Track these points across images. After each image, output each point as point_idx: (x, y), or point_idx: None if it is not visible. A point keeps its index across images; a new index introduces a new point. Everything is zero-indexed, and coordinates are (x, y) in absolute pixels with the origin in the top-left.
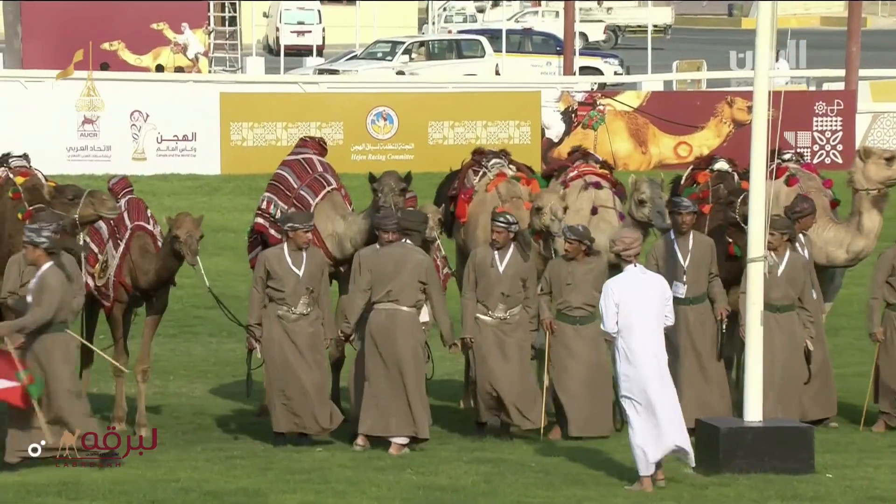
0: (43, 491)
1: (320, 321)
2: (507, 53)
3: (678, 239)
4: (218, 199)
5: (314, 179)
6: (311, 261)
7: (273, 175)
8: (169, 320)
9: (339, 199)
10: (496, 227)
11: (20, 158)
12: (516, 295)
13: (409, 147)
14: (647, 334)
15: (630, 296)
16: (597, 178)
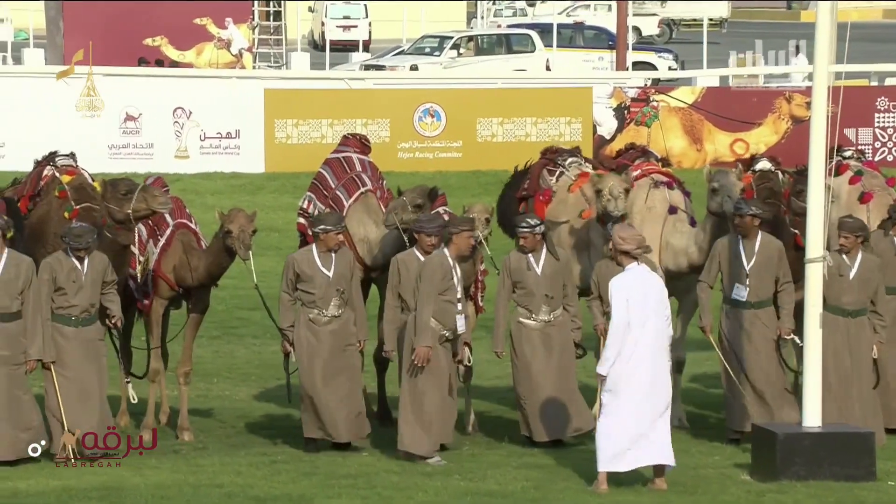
0: (85, 496)
1: (352, 323)
2: (557, 48)
3: (743, 240)
4: (261, 198)
5: (350, 180)
6: (340, 261)
7: (315, 174)
8: (212, 322)
9: (374, 203)
10: (521, 233)
11: (67, 157)
12: (558, 296)
13: (457, 144)
14: (644, 333)
15: (632, 293)
16: (665, 177)
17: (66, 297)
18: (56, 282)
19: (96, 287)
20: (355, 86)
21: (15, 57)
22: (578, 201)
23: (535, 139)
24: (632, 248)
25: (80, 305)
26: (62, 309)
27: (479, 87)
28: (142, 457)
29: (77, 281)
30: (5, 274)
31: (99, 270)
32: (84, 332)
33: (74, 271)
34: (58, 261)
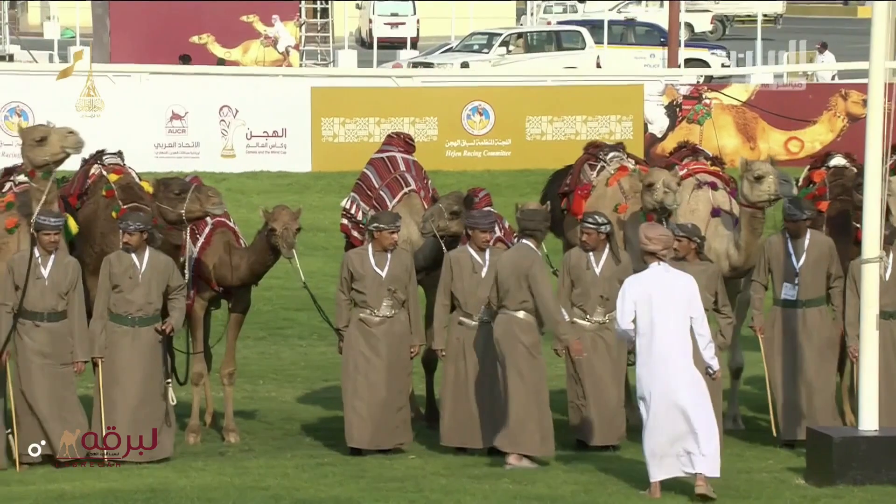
0: (130, 498)
1: (406, 325)
2: (608, 45)
3: (793, 239)
4: (308, 198)
5: (394, 180)
6: (396, 262)
7: (359, 174)
8: (258, 322)
9: (418, 203)
10: (586, 229)
11: (114, 156)
12: (614, 298)
13: (506, 143)
14: (668, 335)
15: (651, 294)
16: (711, 177)
17: (122, 294)
18: (112, 278)
19: (154, 286)
20: (403, 84)
21: (61, 55)
22: (616, 196)
23: (584, 137)
24: (658, 250)
25: (136, 303)
26: (118, 307)
27: (528, 84)
28: (187, 459)
29: (133, 278)
30: (53, 274)
31: (160, 270)
32: (140, 332)
33: (132, 268)
34: (116, 257)
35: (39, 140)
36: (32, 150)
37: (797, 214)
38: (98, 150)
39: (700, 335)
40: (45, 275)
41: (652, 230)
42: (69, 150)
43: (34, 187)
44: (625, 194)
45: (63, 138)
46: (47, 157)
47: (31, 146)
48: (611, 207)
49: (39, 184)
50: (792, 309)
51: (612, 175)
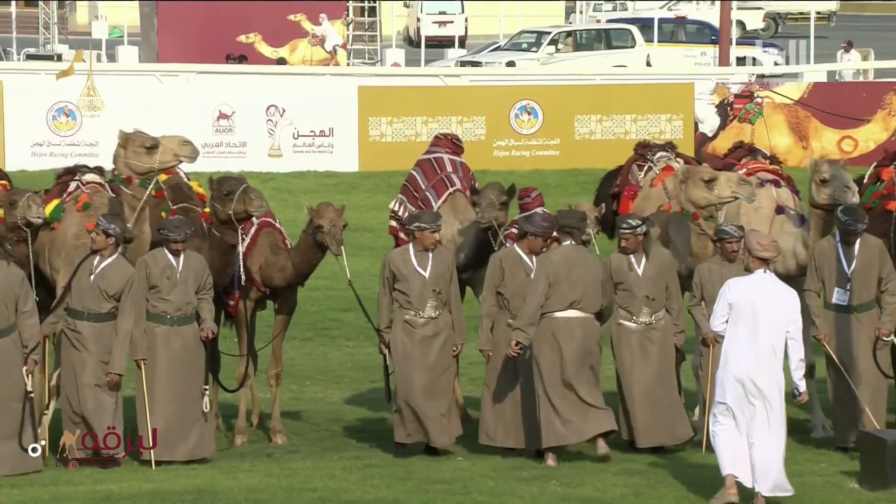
0: (178, 499)
1: (450, 326)
2: (658, 43)
3: (843, 244)
4: (355, 197)
5: (440, 181)
6: (438, 261)
7: (407, 175)
8: (305, 323)
9: (463, 203)
10: (622, 234)
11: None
12: (660, 298)
13: (555, 142)
14: (750, 343)
15: (752, 301)
16: (772, 175)
17: (160, 294)
18: (150, 279)
19: (191, 286)
20: (451, 83)
21: (109, 55)
22: (661, 196)
23: (634, 137)
24: (770, 256)
25: (174, 303)
26: (156, 307)
27: (577, 83)
28: (234, 460)
29: (172, 278)
30: (105, 275)
31: (196, 270)
32: (179, 331)
33: (169, 268)
34: (153, 257)
35: (150, 147)
36: (139, 156)
37: (854, 227)
38: None
39: (794, 352)
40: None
41: (763, 237)
42: (184, 158)
43: (129, 194)
44: (668, 195)
45: (179, 146)
46: (155, 165)
47: (138, 153)
48: (655, 208)
49: (136, 191)
50: (845, 314)
51: (657, 175)
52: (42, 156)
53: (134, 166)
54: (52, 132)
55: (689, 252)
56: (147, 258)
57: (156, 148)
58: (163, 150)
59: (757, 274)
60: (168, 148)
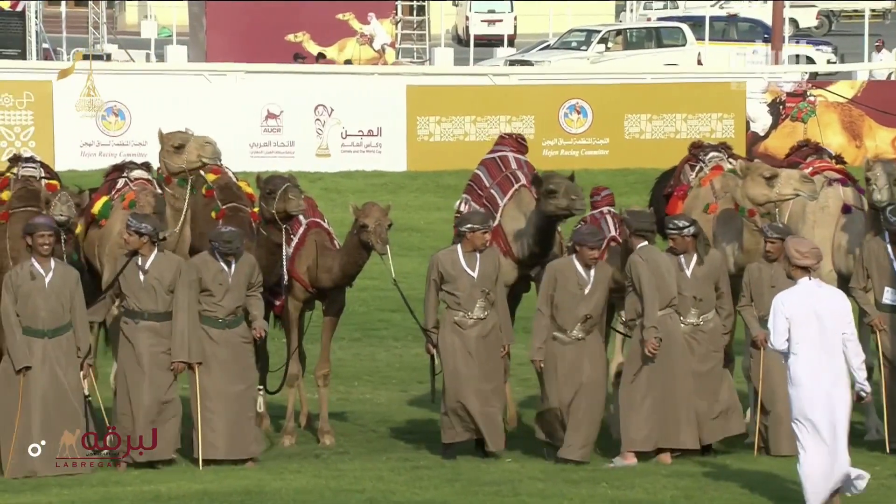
0: (226, 500)
1: (498, 326)
2: (709, 41)
3: (893, 243)
4: (403, 197)
5: (504, 178)
6: (486, 262)
7: (471, 175)
8: (352, 324)
9: (527, 197)
10: (670, 234)
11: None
12: (709, 299)
13: (604, 142)
14: (818, 353)
15: (809, 310)
16: (838, 174)
17: (212, 298)
18: (202, 283)
19: (243, 289)
20: (499, 82)
21: (158, 54)
22: (710, 196)
23: (685, 136)
24: (811, 264)
25: (226, 307)
26: (208, 311)
27: (626, 82)
28: (282, 461)
29: (224, 283)
30: (155, 271)
31: (246, 273)
32: (230, 334)
33: (221, 273)
34: (204, 262)
35: (177, 147)
36: (170, 156)
37: (892, 222)
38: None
39: (856, 354)
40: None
41: (802, 244)
42: (206, 159)
43: (169, 193)
44: (715, 194)
45: (201, 147)
46: (183, 165)
47: (169, 152)
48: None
49: (175, 190)
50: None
51: (706, 175)
52: (91, 155)
53: (168, 166)
54: (102, 132)
55: (740, 248)
56: (198, 262)
57: (182, 148)
58: (188, 150)
59: (803, 283)
60: (192, 148)
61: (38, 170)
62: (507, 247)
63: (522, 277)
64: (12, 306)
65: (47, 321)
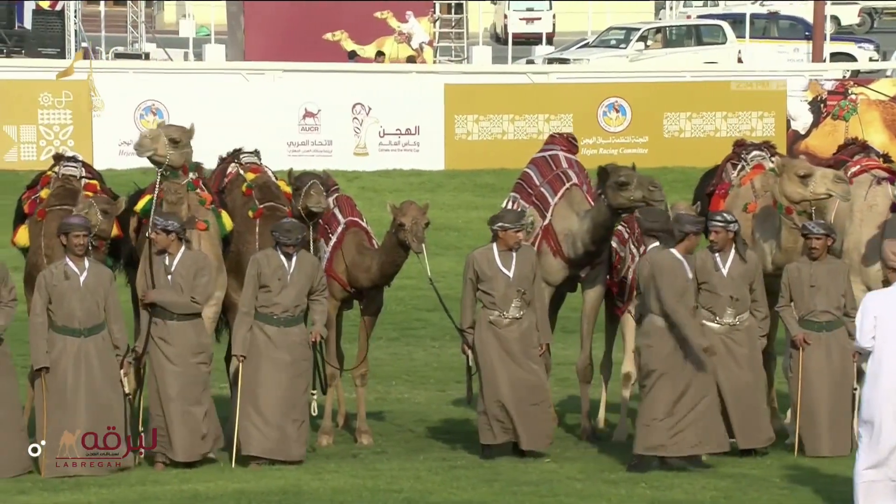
0: (263, 499)
1: (535, 326)
2: (750, 39)
3: None
4: (441, 196)
5: (555, 176)
6: (521, 261)
7: (520, 174)
8: (390, 323)
9: (579, 196)
10: (714, 227)
11: (251, 154)
12: (745, 299)
13: (643, 140)
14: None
15: (890, 311)
16: (886, 173)
17: (270, 294)
18: (261, 278)
19: (302, 287)
20: (538, 80)
21: (196, 53)
22: (749, 195)
23: (724, 135)
24: None
25: (282, 304)
26: (265, 307)
27: (666, 80)
28: (320, 460)
29: (283, 279)
30: (180, 270)
31: (307, 272)
32: (287, 332)
33: (281, 269)
34: (265, 257)
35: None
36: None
37: None
38: (235, 149)
39: None
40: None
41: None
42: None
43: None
44: (755, 193)
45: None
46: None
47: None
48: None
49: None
50: None
51: (747, 174)
52: (130, 154)
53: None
54: (140, 131)
55: (778, 247)
56: (260, 257)
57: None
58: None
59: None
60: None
61: (78, 169)
62: (558, 246)
63: (570, 278)
64: (42, 306)
65: (83, 320)
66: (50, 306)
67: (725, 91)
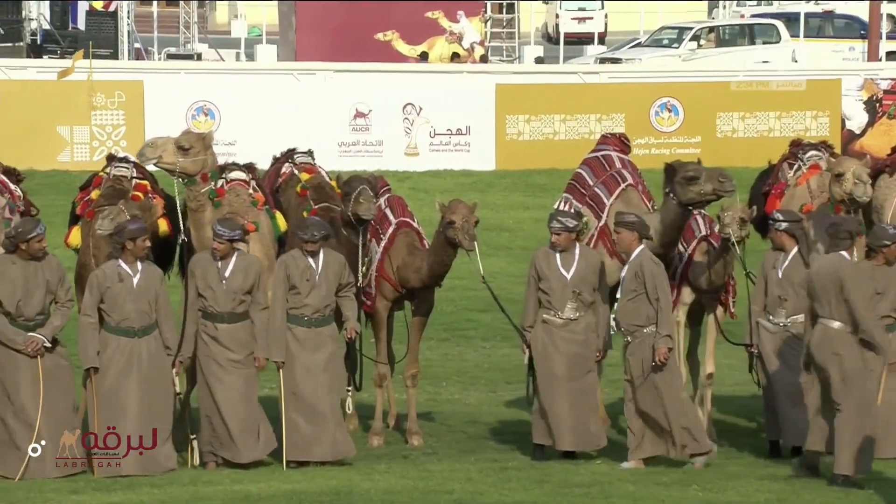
0: (315, 500)
1: (592, 328)
2: (804, 38)
3: None
4: (492, 197)
5: (610, 177)
6: (584, 264)
7: (572, 174)
8: (441, 324)
9: (636, 197)
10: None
11: (305, 154)
12: (800, 299)
13: (696, 140)
14: None
15: None
16: None
17: (299, 296)
18: (290, 279)
19: (331, 287)
20: (589, 80)
21: (248, 54)
22: (805, 196)
23: (778, 135)
24: None
25: (312, 305)
26: (295, 308)
27: (719, 80)
28: (371, 461)
29: (311, 280)
30: (236, 275)
31: (335, 270)
32: (318, 332)
33: (309, 270)
34: (293, 258)
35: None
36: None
37: None
38: (289, 149)
39: None
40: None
41: None
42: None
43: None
44: (811, 194)
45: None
46: None
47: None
48: (798, 208)
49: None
50: None
51: (803, 174)
52: None
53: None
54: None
55: None
56: (287, 258)
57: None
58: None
59: None
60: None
61: (129, 170)
62: (614, 247)
63: None
64: (92, 306)
65: (136, 321)
66: (102, 306)
67: (779, 91)
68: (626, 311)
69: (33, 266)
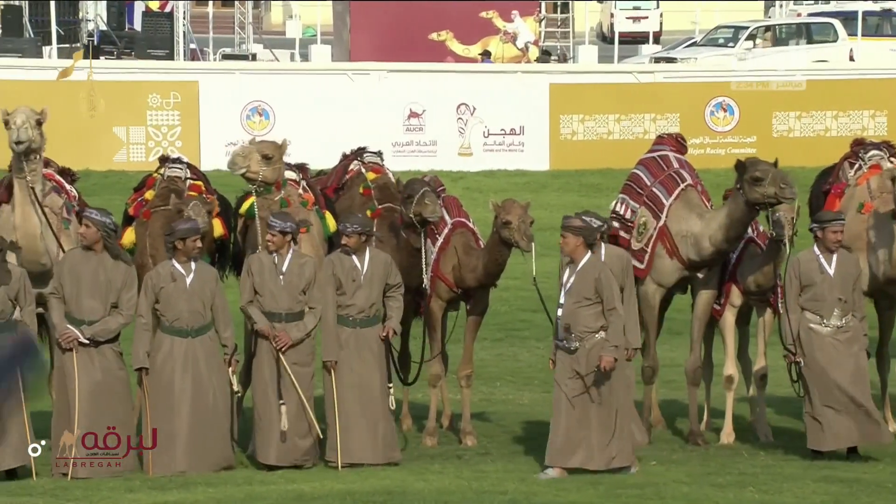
0: (368, 499)
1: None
2: (862, 37)
3: None
4: (545, 197)
5: (668, 177)
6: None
7: (628, 175)
8: (495, 324)
9: (695, 197)
10: (835, 228)
11: (374, 154)
12: (850, 300)
13: (751, 140)
14: None
15: None
16: None
17: (344, 296)
18: (336, 281)
19: (376, 287)
20: (644, 79)
21: (302, 54)
22: (864, 195)
23: (835, 134)
24: None
25: (357, 305)
26: (340, 308)
27: (775, 79)
28: (425, 461)
29: (356, 280)
30: (293, 272)
31: (381, 271)
32: (363, 333)
33: (354, 270)
34: (339, 258)
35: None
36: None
37: None
38: (359, 147)
39: None
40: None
41: None
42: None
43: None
44: (871, 194)
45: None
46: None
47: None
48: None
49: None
50: None
51: (864, 174)
52: None
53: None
54: (246, 132)
55: (889, 258)
56: (334, 258)
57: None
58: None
59: None
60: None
61: (183, 170)
62: (674, 248)
63: (685, 279)
64: (147, 307)
65: (190, 321)
66: (157, 307)
67: (836, 90)
68: (579, 317)
69: (102, 266)
